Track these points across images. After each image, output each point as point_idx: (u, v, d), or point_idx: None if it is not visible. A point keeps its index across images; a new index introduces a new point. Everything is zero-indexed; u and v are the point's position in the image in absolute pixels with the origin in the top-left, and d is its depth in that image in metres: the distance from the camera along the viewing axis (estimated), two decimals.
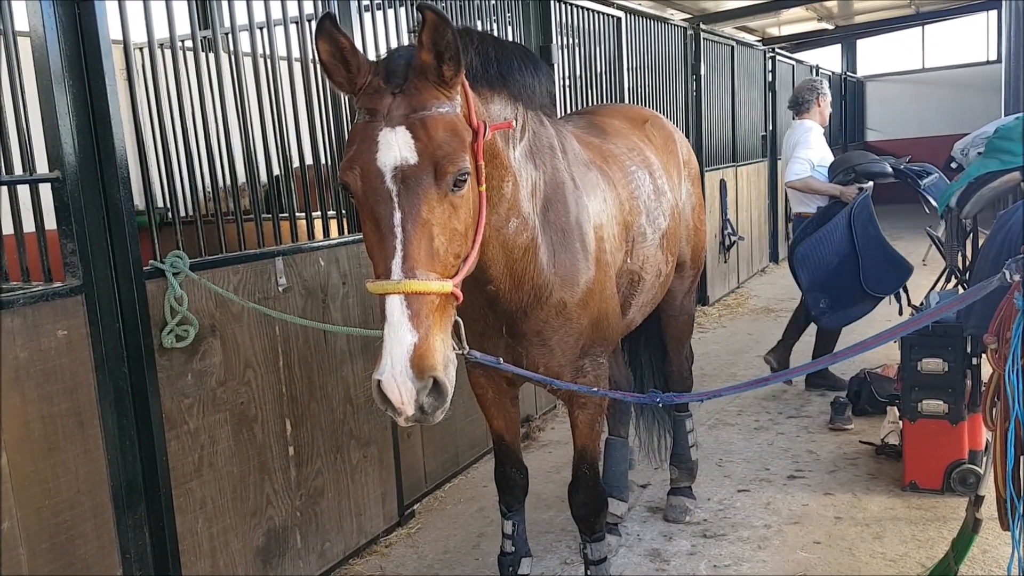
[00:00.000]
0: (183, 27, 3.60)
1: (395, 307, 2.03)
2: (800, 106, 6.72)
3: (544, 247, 2.75)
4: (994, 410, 2.72)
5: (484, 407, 3.34)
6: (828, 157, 6.44)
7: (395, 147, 2.08)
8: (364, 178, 2.11)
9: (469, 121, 2.26)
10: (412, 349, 2.01)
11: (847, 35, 20.17)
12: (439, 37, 2.10)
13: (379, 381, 2.01)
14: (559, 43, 6.21)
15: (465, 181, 2.18)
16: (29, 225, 2.98)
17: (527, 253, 2.69)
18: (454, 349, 2.38)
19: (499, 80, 2.55)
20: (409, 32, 2.49)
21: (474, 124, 2.26)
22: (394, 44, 4.49)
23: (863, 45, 21.30)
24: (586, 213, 2.93)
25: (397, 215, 2.07)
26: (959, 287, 5.71)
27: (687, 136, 6.60)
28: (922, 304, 6.31)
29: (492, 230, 2.53)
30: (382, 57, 2.27)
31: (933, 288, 5.95)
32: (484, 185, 2.32)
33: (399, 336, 2.01)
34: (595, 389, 2.92)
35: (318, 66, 4.15)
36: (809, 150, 6.29)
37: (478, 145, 2.26)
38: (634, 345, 4.64)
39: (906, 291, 6.15)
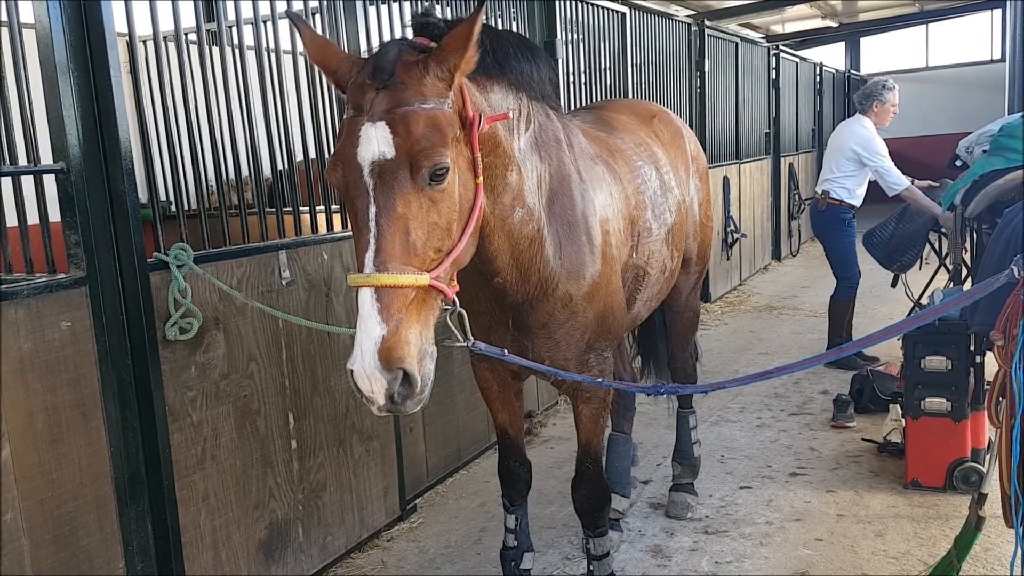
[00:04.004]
0: (188, 20, 3.59)
1: (365, 300, 2.03)
2: (859, 104, 7.06)
3: (550, 239, 2.75)
4: (999, 407, 2.71)
5: (489, 401, 3.34)
6: None
7: (373, 142, 2.08)
8: (345, 173, 2.12)
9: (464, 113, 2.25)
10: (380, 342, 2.01)
11: (851, 33, 20.14)
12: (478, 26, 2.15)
13: (351, 371, 2.03)
14: (563, 39, 6.20)
15: (443, 176, 2.14)
16: (33, 217, 2.98)
17: (533, 244, 2.69)
18: (458, 341, 2.38)
19: (496, 68, 2.54)
20: (412, 24, 2.48)
21: (469, 115, 2.25)
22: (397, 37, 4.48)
23: (867, 43, 21.27)
24: (592, 207, 2.93)
25: (372, 209, 2.07)
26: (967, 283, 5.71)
27: None
28: (919, 301, 6.35)
29: (497, 220, 2.53)
30: (372, 53, 2.27)
31: (928, 284, 5.98)
32: (481, 177, 2.31)
33: (368, 328, 2.02)
34: (599, 380, 2.91)
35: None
36: (879, 155, 6.71)
37: (474, 136, 2.25)
38: (648, 341, 4.65)
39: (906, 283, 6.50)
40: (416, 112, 2.12)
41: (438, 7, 4.74)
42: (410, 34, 2.46)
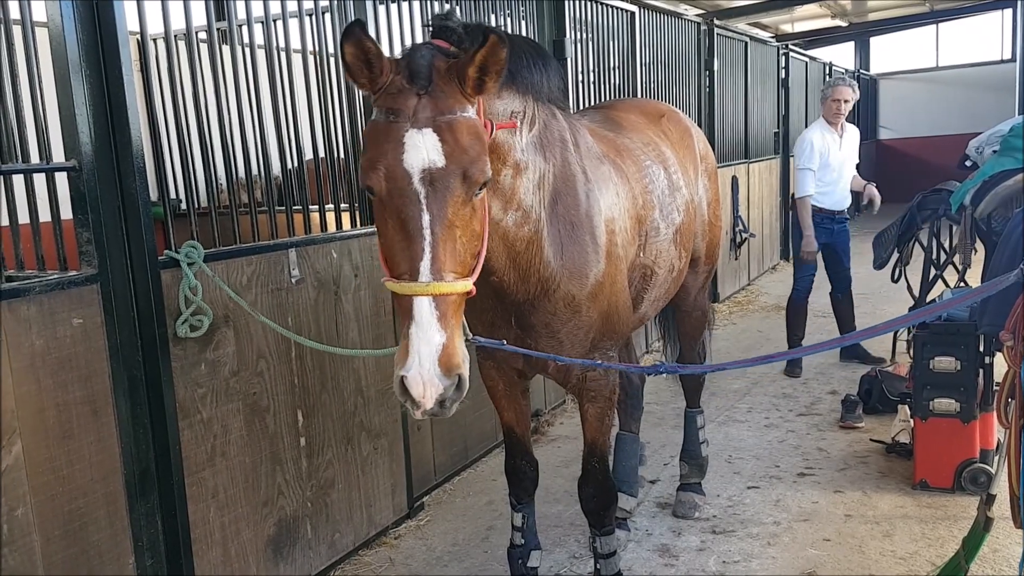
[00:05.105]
0: (199, 18, 3.61)
1: (424, 308, 2.07)
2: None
3: (550, 240, 2.74)
4: (1009, 408, 2.71)
5: (495, 399, 3.35)
6: (828, 159, 6.70)
7: (422, 149, 2.10)
8: (389, 178, 2.11)
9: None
10: (440, 349, 2.07)
11: (861, 32, 20.06)
12: (494, 58, 2.14)
13: (403, 377, 2.05)
14: (572, 38, 6.20)
15: (487, 184, 2.20)
16: (45, 214, 3.00)
17: (531, 246, 2.69)
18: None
19: (508, 77, 2.55)
20: (427, 26, 2.48)
21: (483, 123, 2.27)
22: (407, 36, 4.50)
23: (877, 43, 21.18)
24: (597, 206, 2.92)
25: (425, 217, 2.09)
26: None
27: None
28: (921, 298, 6.35)
29: (491, 223, 2.53)
30: (403, 55, 2.26)
31: (932, 283, 5.98)
32: None
33: (428, 336, 2.06)
34: (598, 362, 2.91)
35: (332, 64, 4.18)
36: (804, 159, 6.66)
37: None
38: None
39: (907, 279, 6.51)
40: (459, 121, 2.15)
41: (446, 7, 4.74)
42: (419, 31, 2.46)
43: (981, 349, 4.30)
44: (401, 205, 2.11)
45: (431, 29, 2.44)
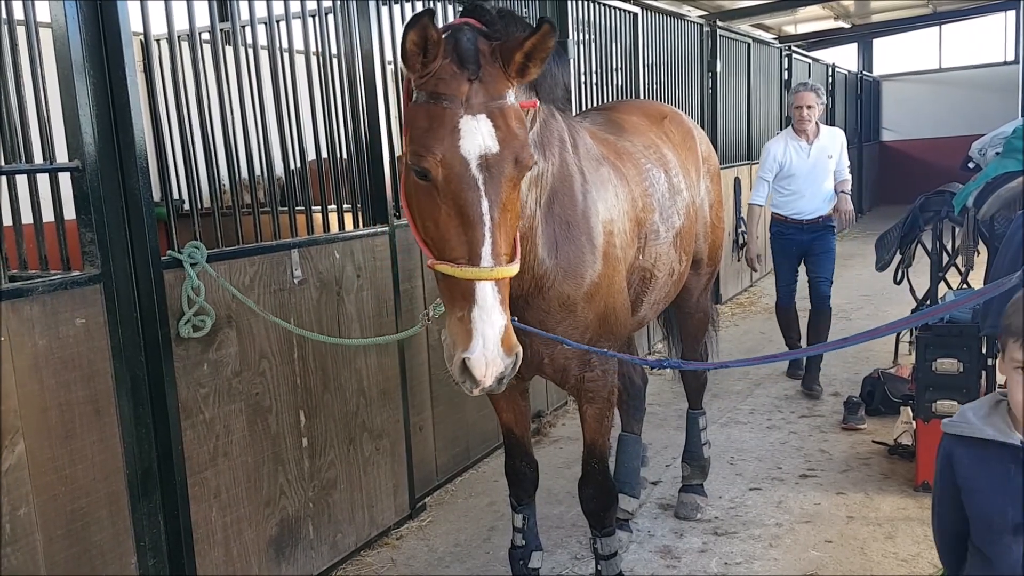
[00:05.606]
0: (202, 19, 3.61)
1: (488, 292, 2.12)
2: None
3: (544, 239, 2.75)
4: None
5: (493, 400, 3.34)
6: (791, 168, 6.60)
7: (479, 135, 2.13)
8: (446, 164, 2.14)
9: None
10: (503, 330, 2.13)
11: (864, 34, 20.04)
12: (542, 45, 2.18)
13: (466, 359, 2.11)
14: (575, 39, 6.20)
15: (532, 167, 2.27)
16: (48, 214, 3.00)
17: (524, 243, 2.68)
18: None
19: None
20: (458, 1, 2.52)
21: None
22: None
23: (880, 44, 21.17)
24: (594, 207, 2.93)
25: (484, 203, 2.13)
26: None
27: None
28: (923, 300, 6.33)
29: None
30: (447, 38, 2.24)
31: (933, 287, 5.97)
32: None
33: (492, 319, 2.12)
34: (606, 351, 2.91)
35: (335, 64, 4.19)
36: (759, 168, 6.77)
37: None
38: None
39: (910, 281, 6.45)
40: (508, 107, 2.20)
41: (440, 5, 4.72)
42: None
43: (984, 351, 4.29)
44: (459, 191, 2.13)
45: (463, 8, 2.46)
